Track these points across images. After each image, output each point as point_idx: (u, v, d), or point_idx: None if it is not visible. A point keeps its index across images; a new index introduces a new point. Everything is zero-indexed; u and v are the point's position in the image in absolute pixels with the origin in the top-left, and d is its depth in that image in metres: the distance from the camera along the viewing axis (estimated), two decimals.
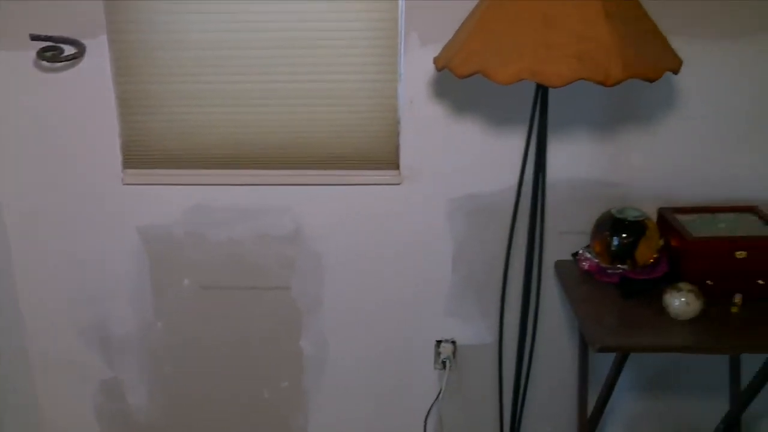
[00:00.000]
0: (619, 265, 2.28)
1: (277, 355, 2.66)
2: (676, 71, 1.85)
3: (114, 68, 2.31)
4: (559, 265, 2.46)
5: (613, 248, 2.27)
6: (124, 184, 2.42)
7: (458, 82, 2.22)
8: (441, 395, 2.69)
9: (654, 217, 2.37)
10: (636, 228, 2.25)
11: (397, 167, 2.42)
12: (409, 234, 2.48)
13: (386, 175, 2.42)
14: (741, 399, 2.42)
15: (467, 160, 2.38)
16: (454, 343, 2.63)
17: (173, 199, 2.44)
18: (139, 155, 2.41)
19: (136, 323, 2.61)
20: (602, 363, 2.56)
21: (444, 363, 2.64)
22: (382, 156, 2.41)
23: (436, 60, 2.00)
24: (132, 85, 2.33)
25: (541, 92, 1.96)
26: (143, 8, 2.24)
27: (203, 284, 2.56)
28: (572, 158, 2.37)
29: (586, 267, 2.36)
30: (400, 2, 2.22)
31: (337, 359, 2.66)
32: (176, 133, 2.38)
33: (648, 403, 2.71)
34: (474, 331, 2.62)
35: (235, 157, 2.41)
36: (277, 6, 2.23)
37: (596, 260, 2.33)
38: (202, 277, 2.55)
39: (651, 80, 1.76)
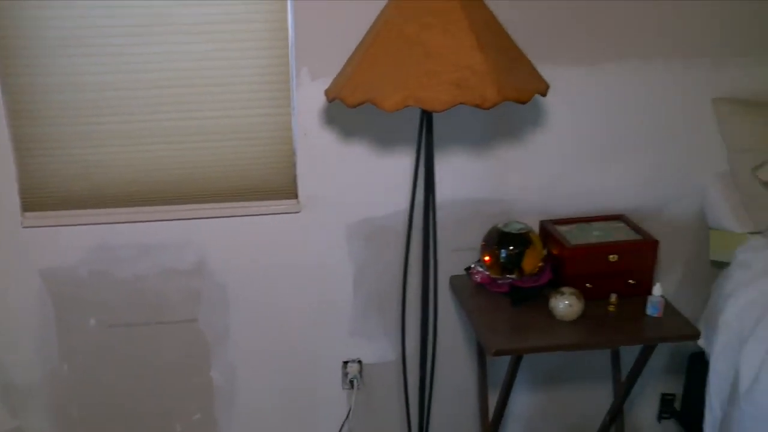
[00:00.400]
0: (508, 276, 2.45)
1: (188, 387, 2.69)
2: (543, 93, 2.05)
3: (7, 111, 2.31)
4: (454, 280, 2.62)
5: (501, 260, 2.44)
6: (23, 227, 2.41)
7: (349, 111, 2.36)
8: (350, 414, 2.79)
9: (536, 229, 2.57)
10: (521, 240, 2.43)
11: (296, 196, 2.52)
12: (311, 259, 2.58)
13: (285, 204, 2.52)
14: (622, 389, 2.63)
15: (362, 185, 2.51)
16: (359, 362, 2.74)
17: (75, 240, 2.45)
18: (39, 198, 2.42)
19: (40, 368, 2.58)
20: (500, 368, 2.73)
21: (351, 383, 2.74)
22: (281, 186, 2.51)
23: (327, 92, 2.12)
24: (28, 128, 2.35)
25: (426, 118, 2.12)
26: (36, 52, 2.28)
27: (110, 323, 2.57)
28: (459, 178, 2.54)
29: (479, 279, 2.52)
30: (290, 41, 2.35)
31: (247, 387, 2.71)
32: (76, 174, 2.41)
33: (544, 401, 2.90)
34: (378, 349, 2.73)
35: (137, 195, 2.45)
36: (174, 47, 2.32)
37: (487, 272, 2.50)
38: (108, 315, 2.56)
39: (522, 102, 1.95)
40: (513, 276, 2.45)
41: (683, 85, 2.53)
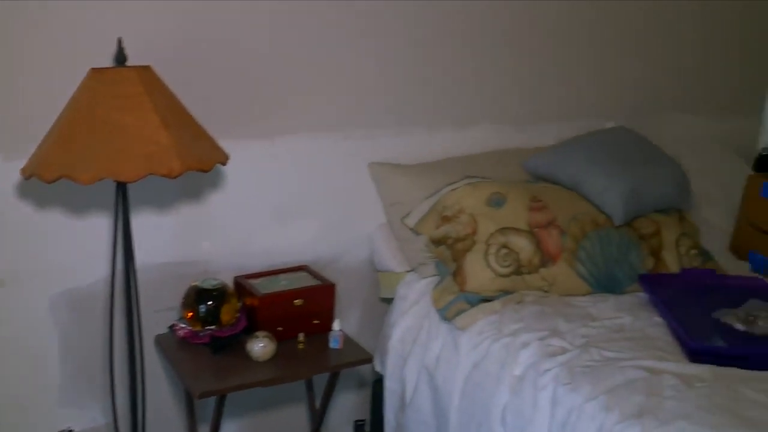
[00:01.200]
0: (208, 327, 2.70)
1: None
2: (224, 163, 2.39)
3: None
4: (159, 339, 2.80)
5: (201, 314, 2.69)
6: None
7: (45, 186, 2.48)
8: None
9: (231, 284, 2.88)
10: (217, 294, 2.70)
11: None
12: (15, 335, 2.60)
13: None
14: (318, 415, 3.00)
15: (62, 256, 2.61)
16: (71, 431, 2.80)
17: None
18: None
19: None
20: (211, 411, 2.91)
21: None
22: None
23: (23, 170, 2.25)
24: None
25: (121, 188, 2.35)
26: None
27: None
28: (157, 243, 2.75)
29: (182, 334, 2.74)
30: None
31: None
32: None
33: None
34: (90, 415, 2.80)
35: None
36: None
37: (189, 327, 2.73)
38: None
39: (205, 171, 2.28)
40: (213, 327, 2.70)
41: (345, 153, 3.01)
